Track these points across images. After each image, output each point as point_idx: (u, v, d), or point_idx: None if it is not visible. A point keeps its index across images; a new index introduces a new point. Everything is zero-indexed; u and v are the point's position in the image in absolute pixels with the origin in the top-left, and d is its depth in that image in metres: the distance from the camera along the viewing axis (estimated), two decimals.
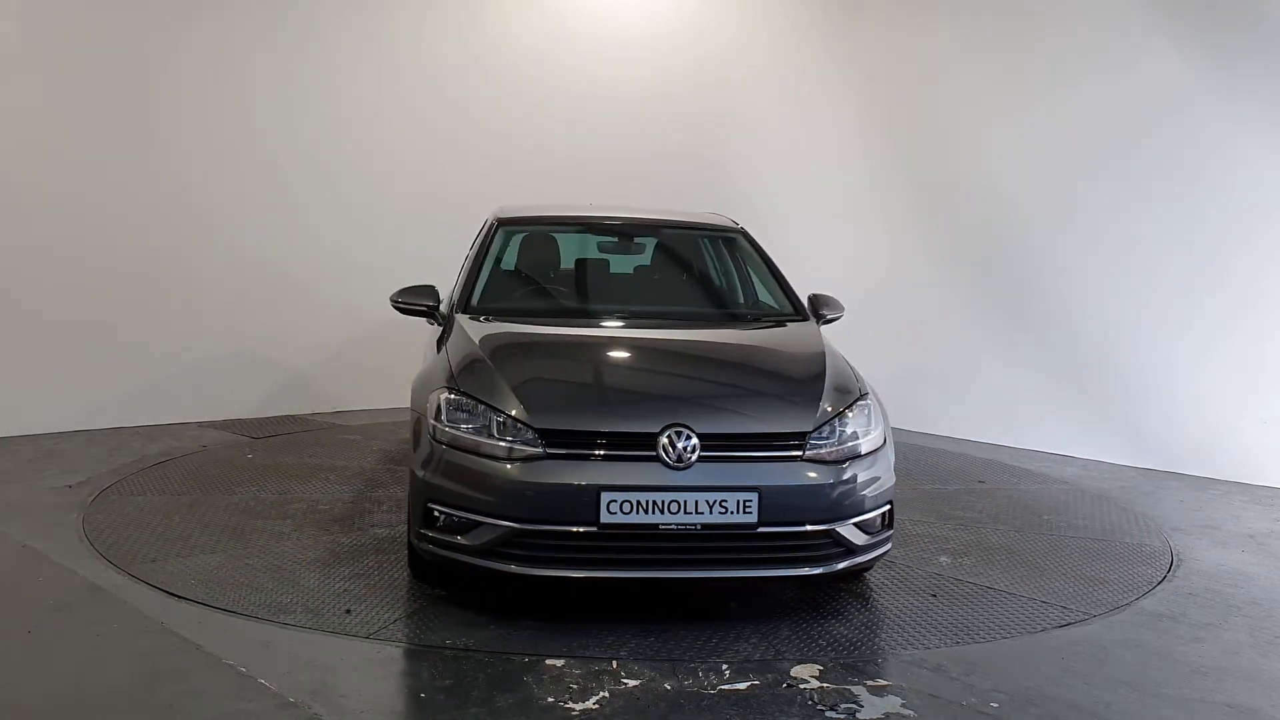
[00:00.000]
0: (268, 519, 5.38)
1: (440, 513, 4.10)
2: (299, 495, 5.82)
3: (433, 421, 4.18)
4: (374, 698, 3.49)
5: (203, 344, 7.57)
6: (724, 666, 3.81)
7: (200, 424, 7.44)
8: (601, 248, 6.02)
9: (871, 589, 4.67)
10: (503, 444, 4.01)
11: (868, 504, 4.22)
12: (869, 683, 3.72)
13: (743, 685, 3.66)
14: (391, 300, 5.20)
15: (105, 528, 5.12)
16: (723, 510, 3.93)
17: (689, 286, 5.84)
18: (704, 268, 5.91)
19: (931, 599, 4.56)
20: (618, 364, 4.74)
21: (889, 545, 4.43)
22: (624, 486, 3.90)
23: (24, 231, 6.91)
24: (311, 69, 7.93)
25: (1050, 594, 4.68)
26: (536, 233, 5.85)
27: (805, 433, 4.15)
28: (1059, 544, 5.41)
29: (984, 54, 8.11)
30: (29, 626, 4.00)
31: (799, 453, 4.11)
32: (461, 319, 4.92)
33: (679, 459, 3.95)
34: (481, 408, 4.11)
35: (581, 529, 3.91)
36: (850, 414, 4.32)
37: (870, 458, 4.27)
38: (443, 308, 5.20)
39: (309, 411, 7.94)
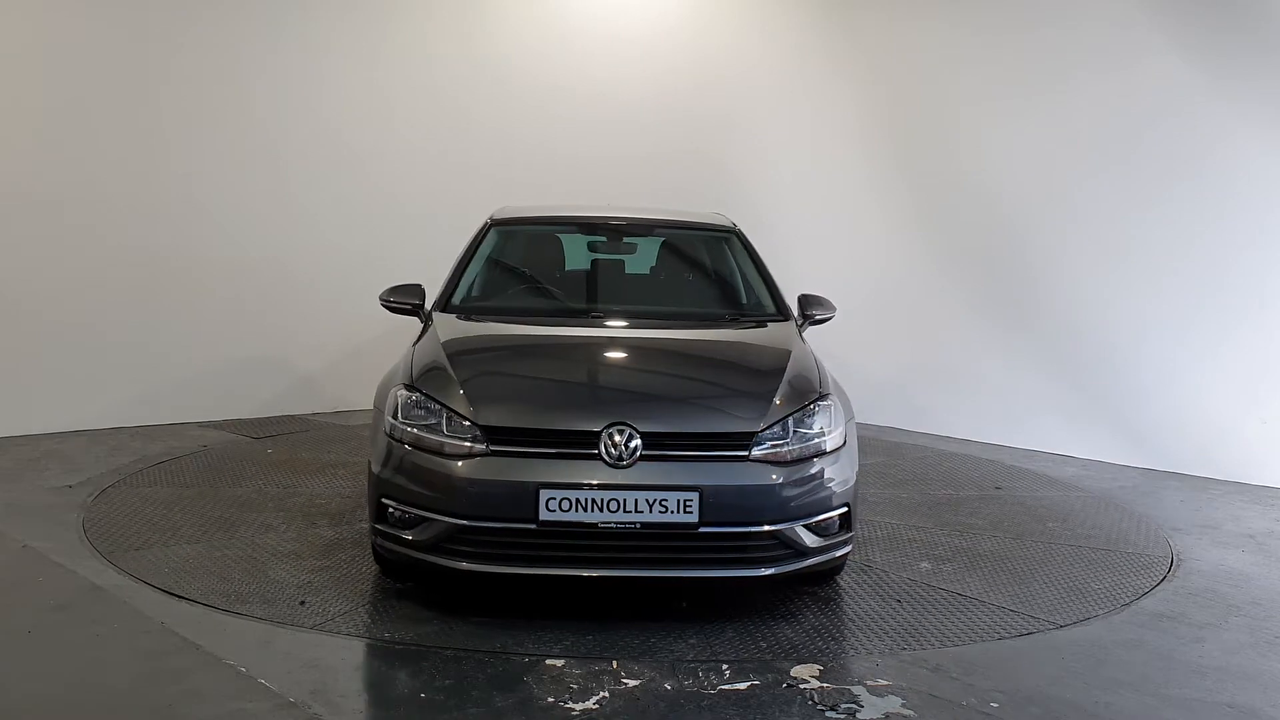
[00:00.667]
0: (262, 511, 5.45)
1: (392, 508, 4.16)
2: (302, 490, 5.88)
3: (389, 419, 4.26)
4: (374, 697, 3.49)
5: (203, 344, 7.57)
6: (724, 666, 3.81)
7: (200, 424, 7.45)
8: (592, 248, 6.01)
9: (839, 592, 4.61)
10: (449, 441, 4.06)
11: (820, 506, 4.17)
12: (869, 683, 3.72)
13: (743, 685, 3.66)
14: (380, 299, 5.26)
15: (105, 528, 5.12)
16: (663, 509, 3.92)
17: (674, 286, 5.80)
18: (693, 268, 5.91)
19: (896, 604, 4.50)
20: (572, 363, 4.76)
21: (848, 548, 4.35)
22: (562, 485, 3.91)
23: (24, 231, 6.91)
24: (313, 69, 7.94)
25: (1021, 602, 4.58)
26: (527, 233, 5.90)
27: (752, 433, 4.10)
28: (1053, 552, 5.30)
29: (984, 54, 8.11)
30: (29, 626, 4.00)
31: (745, 453, 4.07)
32: (438, 317, 5.03)
33: (619, 458, 3.96)
34: (435, 406, 4.17)
35: (521, 526, 3.93)
36: (806, 414, 4.26)
37: (825, 459, 4.22)
38: (427, 306, 5.25)
39: (310, 411, 7.94)
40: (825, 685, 3.68)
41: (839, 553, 4.31)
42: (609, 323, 5.07)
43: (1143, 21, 7.31)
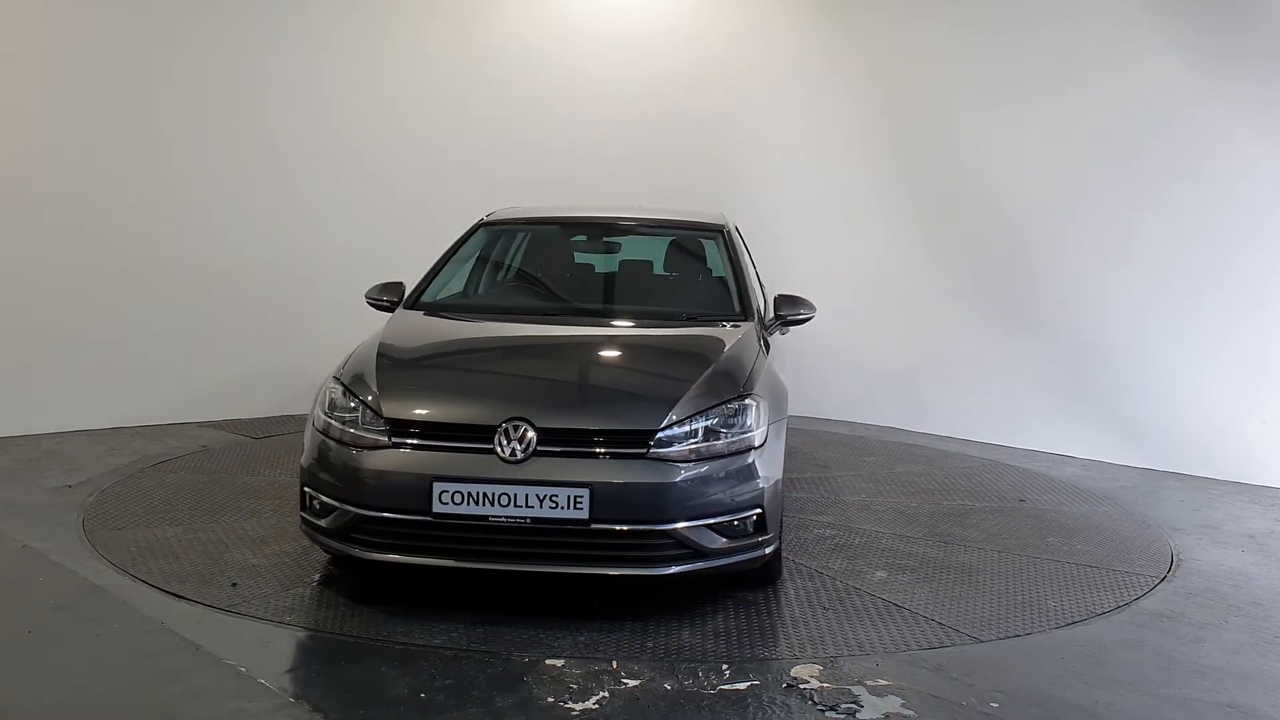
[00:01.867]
0: (260, 499, 5.59)
1: (311, 497, 4.29)
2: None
3: (316, 411, 4.40)
4: (374, 697, 3.49)
5: (203, 344, 7.56)
6: (724, 666, 3.82)
7: (200, 424, 7.45)
8: (575, 248, 6.07)
9: (770, 595, 4.55)
10: (359, 434, 4.16)
11: (724, 507, 4.11)
12: (869, 683, 3.72)
13: (743, 685, 3.66)
14: (366, 296, 5.41)
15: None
16: (553, 505, 3.93)
17: (646, 286, 5.79)
18: (675, 267, 5.91)
19: (824, 611, 4.41)
20: (491, 359, 4.83)
21: (763, 551, 4.28)
22: (456, 478, 3.96)
23: (24, 231, 6.91)
24: (313, 69, 7.94)
25: (958, 618, 4.38)
26: (513, 233, 6.00)
27: (651, 430, 4.08)
28: (1034, 568, 5.06)
29: (984, 54, 8.11)
30: (29, 626, 4.00)
31: (643, 450, 4.05)
32: (398, 314, 5.20)
33: (512, 453, 3.98)
34: (353, 400, 4.28)
35: (415, 517, 3.99)
36: (717, 414, 4.23)
37: (734, 459, 4.18)
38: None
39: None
40: (825, 685, 3.68)
41: (749, 555, 4.23)
42: (562, 322, 5.15)
43: (1143, 21, 7.31)
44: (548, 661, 3.79)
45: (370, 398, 4.24)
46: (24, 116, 6.90)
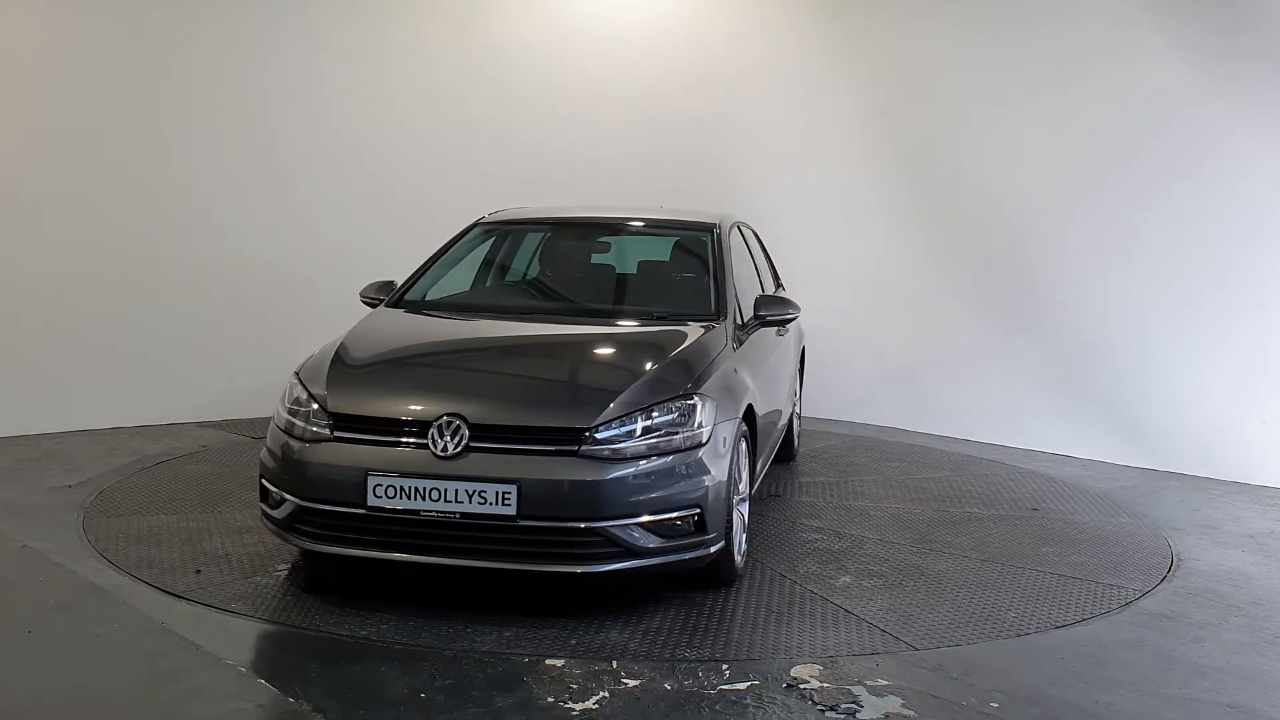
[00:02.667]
0: (255, 492, 5.56)
1: (265, 489, 4.42)
2: None
3: (278, 405, 4.53)
4: (374, 697, 3.49)
5: (203, 344, 7.56)
6: (724, 666, 3.82)
7: (200, 424, 7.45)
8: (564, 248, 6.10)
9: (722, 595, 4.50)
10: (307, 427, 4.27)
11: (658, 505, 4.11)
12: (869, 683, 3.72)
13: (743, 685, 3.66)
14: (360, 295, 5.52)
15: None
16: (482, 501, 3.97)
17: (626, 285, 5.80)
18: (658, 267, 5.91)
19: (768, 614, 4.35)
20: (442, 357, 4.85)
21: (705, 551, 4.26)
22: (390, 472, 4.03)
23: (24, 231, 6.92)
24: (313, 69, 7.94)
25: (904, 626, 4.27)
26: (507, 234, 6.06)
27: (583, 428, 4.09)
28: (1011, 578, 4.91)
29: (984, 54, 8.11)
30: (29, 626, 4.00)
31: (574, 448, 4.06)
32: (375, 312, 5.33)
33: (444, 448, 4.03)
34: (306, 394, 4.40)
35: (351, 510, 4.07)
36: (657, 412, 4.22)
37: (672, 457, 4.17)
38: None
39: None
40: (825, 685, 3.68)
41: (688, 555, 4.22)
42: (531, 320, 5.21)
43: (1143, 21, 7.31)
44: (548, 661, 3.79)
45: (319, 393, 4.35)
46: (24, 117, 6.90)
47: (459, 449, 4.04)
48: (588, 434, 4.09)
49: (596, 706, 3.46)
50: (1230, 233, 7.03)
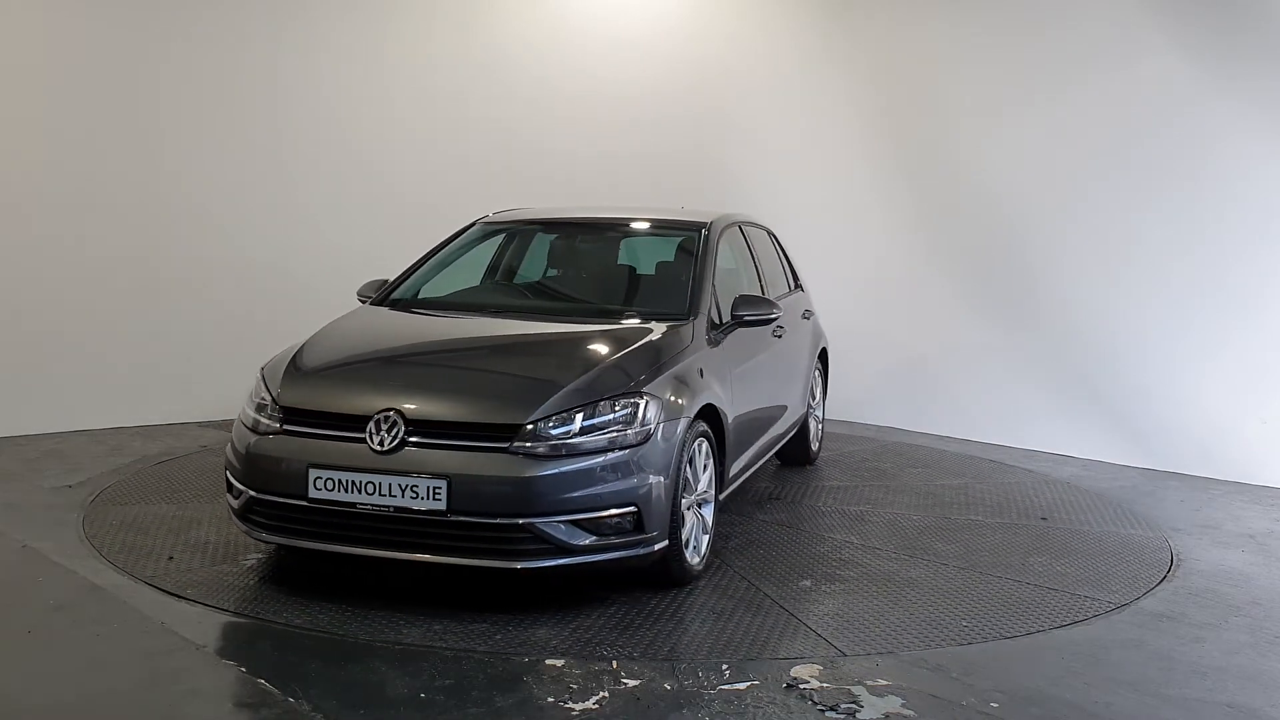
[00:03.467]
0: None
1: (228, 479, 4.54)
2: None
3: (246, 400, 4.63)
4: (374, 697, 3.49)
5: (203, 344, 7.56)
6: (724, 666, 3.81)
7: (200, 424, 7.45)
8: (554, 249, 6.13)
9: (669, 596, 4.46)
10: (258, 419, 4.41)
11: (589, 503, 4.10)
12: (869, 682, 3.72)
13: (742, 685, 3.66)
14: (357, 294, 5.61)
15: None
16: (414, 495, 4.03)
17: (605, 284, 5.78)
18: (642, 266, 5.89)
19: (711, 614, 4.30)
20: (392, 352, 4.87)
21: (645, 550, 4.25)
22: (330, 465, 4.13)
23: (24, 231, 6.92)
24: (313, 69, 7.94)
25: (839, 630, 4.18)
26: (501, 234, 6.11)
27: (517, 424, 4.11)
28: (981, 587, 4.77)
29: (984, 54, 8.11)
30: (29, 626, 4.00)
31: (506, 444, 4.08)
32: (356, 309, 5.45)
33: (381, 442, 4.10)
34: (265, 388, 4.53)
35: (295, 501, 4.19)
36: (594, 410, 4.22)
37: (608, 455, 4.16)
38: None
39: None
40: (825, 685, 3.68)
41: (625, 554, 4.22)
42: (501, 318, 5.24)
43: (1143, 21, 7.31)
44: (548, 661, 3.79)
45: (274, 387, 4.47)
46: (24, 117, 6.90)
47: (395, 444, 4.10)
48: (521, 430, 4.11)
49: (596, 706, 3.46)
50: (1230, 233, 7.03)
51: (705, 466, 4.71)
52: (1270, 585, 5.03)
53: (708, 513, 4.77)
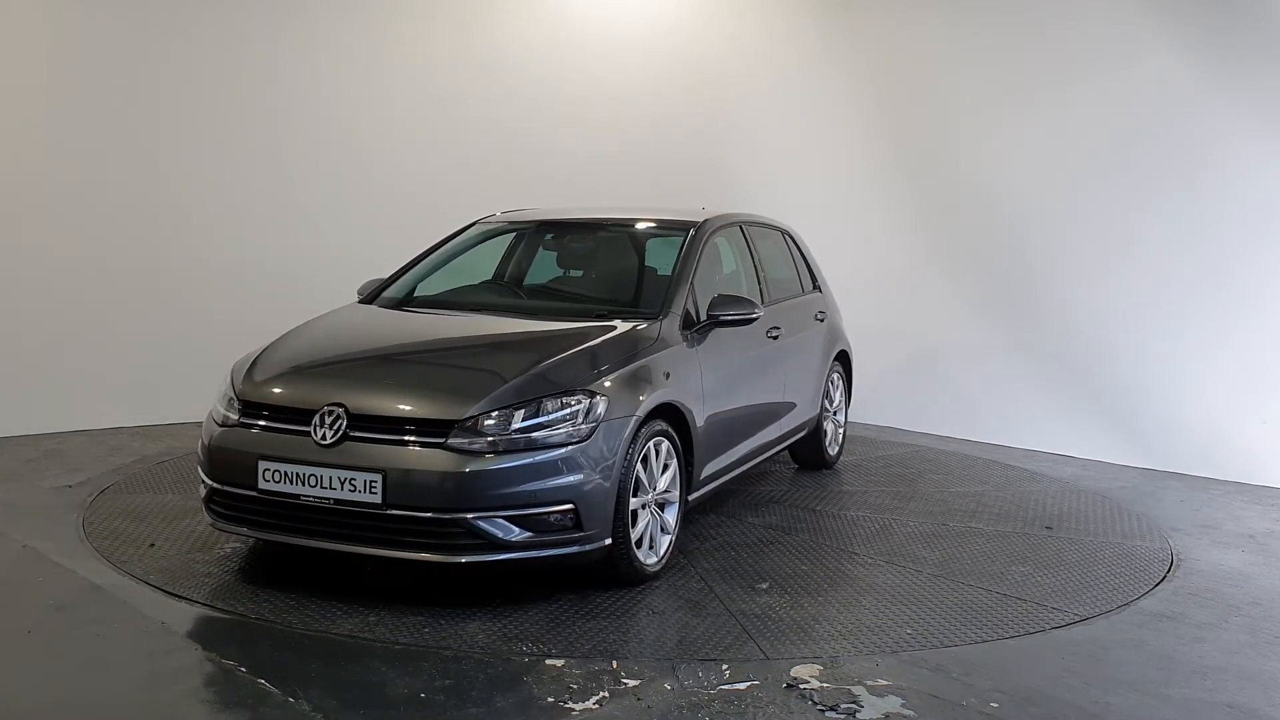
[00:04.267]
0: None
1: (199, 470, 4.66)
2: None
3: (218, 395, 4.74)
4: (374, 697, 3.49)
5: (203, 344, 7.54)
6: (724, 666, 3.81)
7: (200, 424, 7.42)
8: (545, 248, 6.15)
9: (613, 593, 4.46)
10: (221, 411, 4.56)
11: (523, 500, 4.13)
12: (869, 682, 3.72)
13: (742, 685, 3.66)
14: (358, 293, 5.70)
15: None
16: (352, 488, 4.11)
17: (588, 285, 5.80)
18: (626, 266, 5.83)
19: (650, 614, 4.27)
20: (350, 348, 4.93)
21: (584, 547, 4.26)
22: (277, 457, 4.24)
23: (24, 231, 6.92)
24: (313, 69, 7.94)
25: (781, 636, 4.10)
26: (496, 234, 6.15)
27: (452, 420, 4.15)
28: (947, 595, 4.62)
29: (984, 54, 8.12)
30: (29, 626, 4.00)
31: (442, 439, 4.12)
32: (341, 307, 5.55)
33: (323, 436, 4.19)
34: (230, 382, 4.68)
35: (247, 492, 4.31)
36: (533, 406, 4.23)
37: (546, 452, 4.17)
38: None
39: None
40: (825, 685, 3.68)
41: (563, 551, 4.23)
42: (473, 317, 5.28)
43: (1143, 21, 7.31)
44: (548, 661, 3.79)
45: (238, 382, 4.62)
46: (24, 117, 6.91)
47: (337, 437, 4.18)
48: (457, 425, 4.15)
49: (596, 706, 3.46)
50: (1230, 233, 7.03)
51: (667, 467, 4.71)
52: (1270, 585, 5.03)
53: (671, 514, 4.76)
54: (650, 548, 4.63)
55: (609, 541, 4.36)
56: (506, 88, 8.64)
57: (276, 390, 4.49)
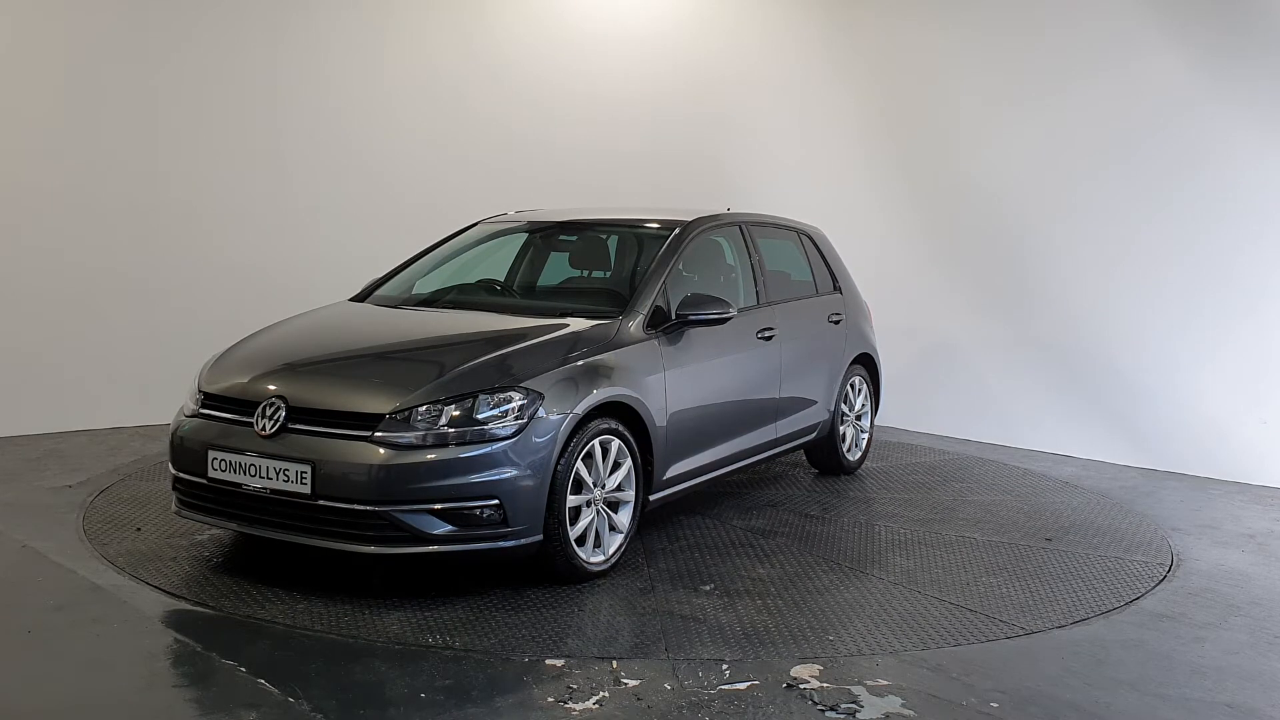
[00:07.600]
0: None
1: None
2: None
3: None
4: (373, 697, 3.49)
5: (203, 344, 7.49)
6: (724, 666, 3.81)
7: None
8: (536, 248, 6.19)
9: (552, 591, 4.44)
10: (187, 403, 4.72)
11: (446, 494, 4.16)
12: (869, 682, 3.72)
13: (742, 685, 3.66)
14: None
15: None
16: (285, 479, 4.23)
17: (571, 284, 5.82)
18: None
19: (580, 611, 4.29)
20: (306, 344, 4.97)
21: (512, 543, 4.27)
22: (221, 448, 4.39)
23: (24, 231, 6.92)
24: (313, 69, 7.94)
25: (704, 641, 4.02)
26: (493, 235, 6.17)
27: (380, 414, 4.22)
28: (897, 604, 4.49)
29: (984, 55, 8.12)
30: (29, 626, 4.00)
31: (368, 433, 4.19)
32: (329, 305, 5.63)
33: (264, 428, 4.31)
34: (197, 376, 4.82)
35: (199, 480, 4.47)
36: (470, 402, 4.26)
37: (472, 447, 4.19)
38: None
39: None
40: (825, 685, 3.68)
41: (489, 545, 4.25)
42: (441, 314, 5.35)
43: (1143, 21, 7.32)
44: (548, 661, 3.79)
45: (204, 374, 4.78)
46: (24, 117, 6.90)
47: (276, 429, 4.29)
48: (383, 419, 4.21)
49: (596, 706, 3.46)
50: (1230, 233, 7.03)
51: (619, 465, 4.69)
52: (1270, 585, 5.03)
53: (625, 513, 4.75)
54: (597, 546, 4.62)
55: (539, 538, 4.37)
56: (506, 87, 8.64)
57: (228, 383, 4.62)
